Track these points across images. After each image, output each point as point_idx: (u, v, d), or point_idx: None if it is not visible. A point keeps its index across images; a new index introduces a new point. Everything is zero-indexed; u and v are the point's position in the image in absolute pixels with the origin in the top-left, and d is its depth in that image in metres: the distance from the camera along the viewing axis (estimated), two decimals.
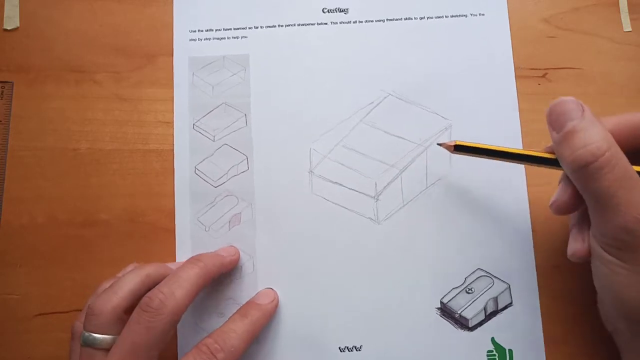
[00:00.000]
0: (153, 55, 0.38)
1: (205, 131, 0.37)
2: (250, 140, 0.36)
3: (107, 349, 0.28)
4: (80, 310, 0.35)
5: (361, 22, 0.38)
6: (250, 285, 0.35)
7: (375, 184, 0.35)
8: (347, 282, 0.35)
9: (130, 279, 0.31)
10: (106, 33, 0.38)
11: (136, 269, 0.32)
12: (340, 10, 0.38)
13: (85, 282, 0.35)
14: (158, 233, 0.36)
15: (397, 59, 0.37)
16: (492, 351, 0.34)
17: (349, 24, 0.38)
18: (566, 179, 0.28)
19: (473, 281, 0.34)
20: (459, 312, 0.34)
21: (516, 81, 0.37)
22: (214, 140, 0.36)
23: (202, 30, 0.38)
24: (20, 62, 0.38)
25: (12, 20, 0.38)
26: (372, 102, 0.37)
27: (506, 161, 0.31)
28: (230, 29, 0.38)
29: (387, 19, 0.38)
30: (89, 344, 0.29)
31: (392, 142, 0.36)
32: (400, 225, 0.35)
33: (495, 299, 0.34)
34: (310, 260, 0.35)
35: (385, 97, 0.36)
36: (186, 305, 0.29)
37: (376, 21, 0.38)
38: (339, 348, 0.34)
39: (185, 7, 0.38)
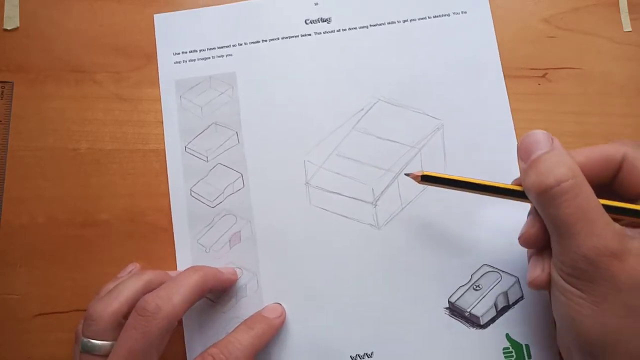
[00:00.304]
0: (153, 55, 0.38)
1: (198, 152, 0.36)
2: (244, 157, 0.36)
3: (106, 355, 0.28)
4: (80, 311, 0.35)
5: (344, 30, 0.38)
6: (257, 303, 0.34)
7: (373, 190, 0.35)
8: (353, 290, 0.34)
9: (130, 285, 0.31)
10: (106, 33, 0.38)
11: (137, 275, 0.32)
12: (323, 20, 0.38)
13: (85, 282, 0.35)
14: (158, 233, 0.36)
15: (383, 64, 0.37)
16: (509, 348, 0.33)
17: (332, 33, 0.37)
18: (534, 212, 0.28)
19: (480, 277, 0.34)
20: (468, 310, 0.33)
21: (513, 80, 0.37)
22: (207, 161, 0.36)
23: (185, 52, 0.38)
24: (20, 62, 0.38)
25: (12, 20, 0.38)
26: (363, 109, 0.36)
27: (473, 192, 0.30)
28: (214, 48, 0.38)
29: (370, 25, 0.38)
30: (88, 350, 0.28)
31: (385, 146, 0.36)
32: (401, 229, 0.35)
33: (506, 294, 0.34)
34: (314, 271, 0.35)
35: (375, 103, 0.36)
36: (183, 312, 0.29)
37: (359, 28, 0.38)
38: (351, 357, 0.34)
39: (167, 31, 0.38)
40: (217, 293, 0.35)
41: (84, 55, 0.38)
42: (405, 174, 0.32)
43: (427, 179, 0.31)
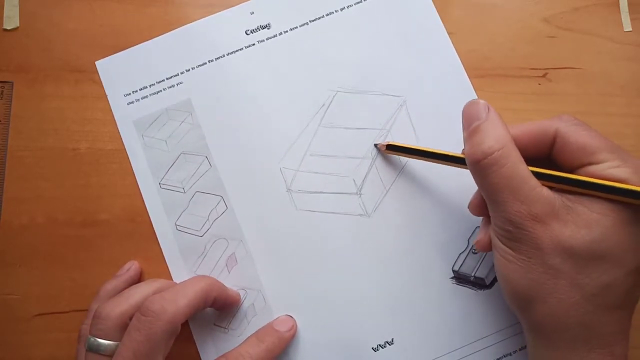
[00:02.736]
0: None
1: (174, 186, 0.36)
2: (220, 179, 0.36)
3: (111, 355, 0.28)
4: (80, 311, 0.35)
5: (286, 31, 0.38)
6: (268, 319, 0.34)
7: (354, 180, 0.35)
8: (358, 282, 0.34)
9: (143, 289, 0.31)
10: (106, 33, 0.38)
11: (150, 281, 0.32)
12: (263, 27, 0.38)
13: (85, 282, 0.35)
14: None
15: (333, 55, 0.37)
16: None
17: (275, 38, 0.37)
18: None
19: None
20: (473, 275, 0.34)
21: (513, 80, 0.37)
22: (184, 192, 0.36)
23: (136, 91, 0.37)
24: (20, 62, 0.38)
25: (12, 20, 0.38)
26: (324, 104, 0.37)
27: (430, 161, 0.32)
28: (163, 79, 0.37)
29: (309, 21, 0.38)
30: (94, 349, 0.28)
31: (355, 135, 0.36)
32: (391, 211, 0.35)
33: None
34: (317, 273, 0.35)
35: (334, 95, 0.37)
36: (186, 316, 0.29)
37: (300, 26, 0.38)
38: (372, 348, 0.34)
39: (112, 75, 0.37)
40: (226, 318, 0.34)
41: (84, 55, 0.38)
42: (375, 144, 0.35)
43: (391, 148, 0.34)
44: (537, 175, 0.26)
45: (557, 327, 0.26)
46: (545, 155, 0.28)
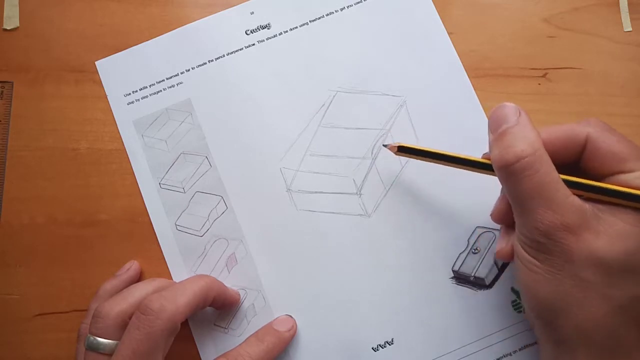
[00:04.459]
0: None
1: (174, 186, 0.36)
2: (220, 179, 0.36)
3: (110, 354, 0.28)
4: (80, 311, 0.35)
5: (286, 32, 0.38)
6: (268, 319, 0.34)
7: (354, 181, 0.35)
8: (358, 283, 0.34)
9: (142, 289, 0.31)
10: (106, 33, 0.38)
11: (148, 280, 0.32)
12: (263, 27, 0.38)
13: (85, 282, 0.35)
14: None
15: (333, 55, 0.37)
16: (516, 300, 0.34)
17: (275, 38, 0.38)
18: None
19: (476, 240, 0.34)
20: (472, 274, 0.34)
21: (513, 80, 0.37)
22: (184, 192, 0.36)
23: (136, 91, 0.37)
24: (20, 62, 0.38)
25: (12, 20, 0.38)
26: (324, 104, 0.37)
27: (445, 164, 0.31)
28: (164, 79, 0.37)
29: (309, 21, 0.38)
30: (93, 348, 0.28)
31: (355, 135, 0.36)
32: (391, 211, 0.35)
33: None
34: (317, 273, 0.35)
35: (334, 95, 0.37)
36: (185, 315, 0.29)
37: (300, 26, 0.38)
38: (372, 348, 0.34)
39: (112, 75, 0.37)
40: (226, 318, 0.34)
41: (84, 55, 0.38)
42: (383, 145, 0.34)
43: (403, 150, 0.33)
44: (567, 183, 0.25)
45: (584, 340, 0.25)
46: (572, 162, 0.27)
